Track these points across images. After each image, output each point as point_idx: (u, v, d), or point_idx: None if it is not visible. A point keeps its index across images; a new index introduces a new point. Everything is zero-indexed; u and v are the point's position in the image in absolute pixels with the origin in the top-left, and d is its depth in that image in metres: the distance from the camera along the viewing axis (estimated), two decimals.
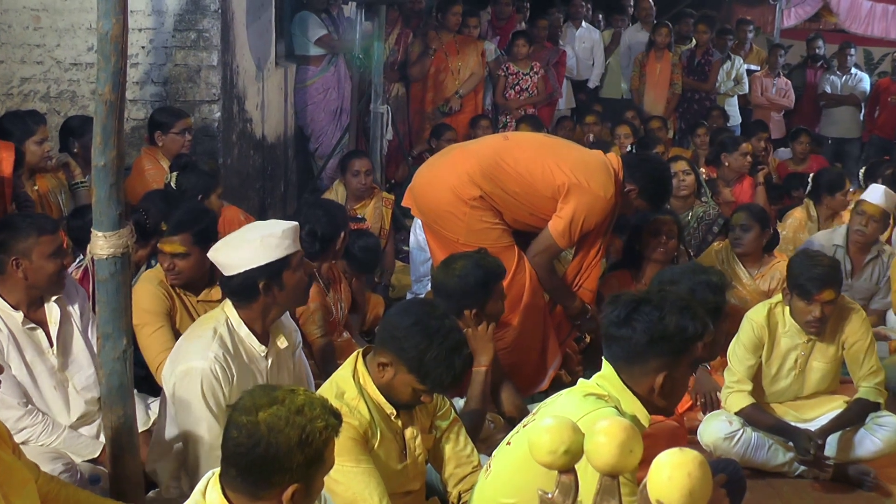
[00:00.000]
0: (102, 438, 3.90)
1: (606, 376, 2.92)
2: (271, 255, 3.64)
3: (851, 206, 6.69)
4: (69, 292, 4.06)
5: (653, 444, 2.24)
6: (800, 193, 8.11)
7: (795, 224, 7.24)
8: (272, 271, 3.64)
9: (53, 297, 3.97)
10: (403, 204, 5.61)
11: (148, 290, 4.42)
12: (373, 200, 7.12)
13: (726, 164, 8.00)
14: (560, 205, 5.13)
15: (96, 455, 3.97)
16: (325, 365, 4.91)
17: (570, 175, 5.11)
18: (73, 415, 4.02)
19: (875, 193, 6.27)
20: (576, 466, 2.13)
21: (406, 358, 3.28)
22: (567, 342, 5.62)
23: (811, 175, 7.67)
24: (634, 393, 2.90)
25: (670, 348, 2.87)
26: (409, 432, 3.46)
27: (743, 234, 5.95)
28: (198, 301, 4.50)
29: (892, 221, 6.54)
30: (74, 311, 4.05)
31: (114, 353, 3.38)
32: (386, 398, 3.38)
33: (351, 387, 3.34)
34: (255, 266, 3.62)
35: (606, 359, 2.95)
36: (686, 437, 3.44)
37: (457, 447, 3.61)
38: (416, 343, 3.27)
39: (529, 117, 9.17)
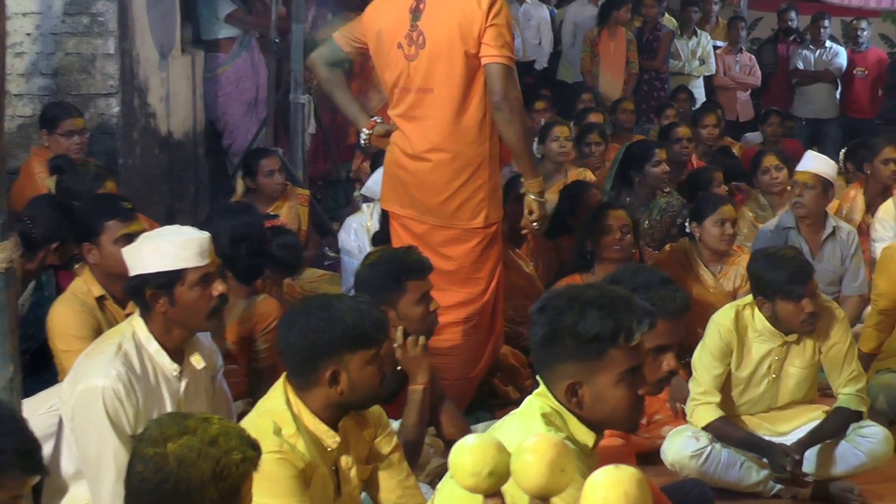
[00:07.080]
0: None
1: (542, 393, 2.83)
2: (162, 265, 3.68)
3: None
4: None
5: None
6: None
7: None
8: (161, 282, 3.68)
9: None
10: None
11: (71, 312, 4.42)
12: (287, 200, 7.15)
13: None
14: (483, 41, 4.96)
15: None
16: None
17: None
18: None
19: (806, 161, 6.45)
20: (505, 490, 2.13)
21: (342, 340, 3.31)
22: (509, 354, 5.67)
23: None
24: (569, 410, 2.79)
25: (573, 352, 2.72)
26: (343, 461, 3.48)
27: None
28: (126, 314, 4.47)
29: (834, 191, 6.67)
30: None
31: None
32: (364, 400, 3.43)
33: (289, 422, 3.33)
34: (144, 272, 3.69)
35: (535, 369, 2.90)
36: (633, 457, 3.43)
37: (399, 475, 3.64)
38: (332, 320, 3.32)
39: None
